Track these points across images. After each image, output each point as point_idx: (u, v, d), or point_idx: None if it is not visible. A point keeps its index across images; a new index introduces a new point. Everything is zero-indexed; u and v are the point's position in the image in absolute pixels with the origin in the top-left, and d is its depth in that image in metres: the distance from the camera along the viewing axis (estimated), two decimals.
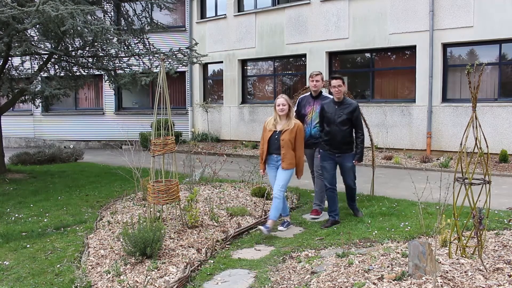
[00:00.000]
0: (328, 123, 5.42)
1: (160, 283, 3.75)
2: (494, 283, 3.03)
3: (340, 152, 5.41)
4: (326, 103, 5.55)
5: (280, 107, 5.15)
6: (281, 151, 5.11)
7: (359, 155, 5.44)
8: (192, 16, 15.99)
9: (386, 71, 12.50)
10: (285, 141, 5.09)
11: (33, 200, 7.24)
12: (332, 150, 5.43)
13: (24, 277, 4.10)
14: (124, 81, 8.90)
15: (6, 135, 15.17)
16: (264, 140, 5.27)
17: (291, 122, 5.17)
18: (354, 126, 5.43)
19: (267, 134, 5.24)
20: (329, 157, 5.46)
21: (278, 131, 5.18)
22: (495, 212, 5.53)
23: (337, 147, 5.40)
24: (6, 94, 9.35)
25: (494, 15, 10.23)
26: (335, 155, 5.44)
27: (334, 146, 5.40)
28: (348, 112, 5.35)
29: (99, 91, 17.17)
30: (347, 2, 12.43)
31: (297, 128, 5.16)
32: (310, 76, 5.87)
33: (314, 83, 5.80)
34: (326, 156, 5.50)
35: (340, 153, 5.41)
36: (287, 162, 5.13)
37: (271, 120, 5.29)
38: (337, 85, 5.33)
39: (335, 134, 5.36)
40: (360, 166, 10.57)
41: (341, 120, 5.34)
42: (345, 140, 5.40)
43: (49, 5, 6.68)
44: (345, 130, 5.36)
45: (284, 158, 5.12)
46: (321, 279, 3.49)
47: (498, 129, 10.25)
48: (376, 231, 4.99)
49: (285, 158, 5.12)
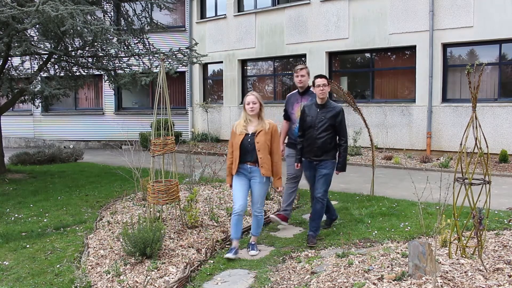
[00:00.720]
0: (308, 128, 4.87)
1: (160, 283, 3.75)
2: (494, 283, 3.03)
3: (320, 160, 4.85)
4: (307, 105, 5.02)
5: (250, 105, 4.43)
6: (258, 155, 4.40)
7: (342, 164, 4.90)
8: (192, 16, 15.99)
9: (386, 71, 12.50)
10: (261, 143, 4.40)
11: (33, 200, 7.24)
12: (311, 158, 4.89)
13: (24, 277, 4.10)
14: (124, 81, 8.90)
15: (6, 135, 15.17)
16: (235, 146, 4.46)
17: (264, 122, 4.48)
18: (337, 132, 4.86)
19: (237, 139, 4.45)
20: (310, 165, 4.96)
21: (250, 133, 4.45)
22: (495, 212, 5.52)
23: (316, 155, 4.84)
24: (6, 94, 9.35)
25: (494, 15, 10.23)
26: (314, 163, 4.90)
27: (314, 153, 4.85)
28: (331, 117, 4.78)
29: (99, 91, 17.17)
30: (347, 2, 12.43)
31: (273, 129, 4.49)
32: (295, 71, 5.42)
33: (299, 79, 5.35)
34: (306, 165, 5.01)
35: (319, 161, 4.86)
36: (266, 167, 4.42)
37: (240, 123, 4.54)
38: (322, 84, 4.77)
39: (315, 140, 4.81)
40: (360, 166, 10.67)
41: (323, 125, 4.78)
42: (326, 148, 4.81)
43: (49, 5, 6.68)
44: (327, 136, 4.79)
45: (263, 163, 4.40)
46: (321, 279, 3.49)
47: (498, 129, 10.25)
48: (376, 231, 4.99)
49: (264, 164, 4.41)
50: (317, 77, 4.86)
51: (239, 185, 4.50)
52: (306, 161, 4.99)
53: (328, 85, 4.84)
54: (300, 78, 5.36)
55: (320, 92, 4.79)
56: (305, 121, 4.91)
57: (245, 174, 4.50)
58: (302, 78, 5.36)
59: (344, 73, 13.42)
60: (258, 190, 4.50)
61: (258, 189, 4.50)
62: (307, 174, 5.08)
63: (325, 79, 4.84)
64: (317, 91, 4.83)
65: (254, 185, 4.52)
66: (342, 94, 6.78)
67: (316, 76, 4.90)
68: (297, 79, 5.38)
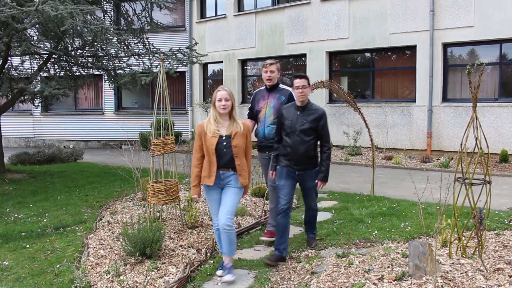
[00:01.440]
0: (288, 133, 4.34)
1: (160, 283, 3.74)
2: (494, 283, 3.02)
3: (302, 169, 4.36)
4: (286, 107, 4.48)
5: (222, 102, 3.80)
6: (236, 161, 3.83)
7: (324, 173, 4.42)
8: (192, 16, 15.99)
9: (386, 71, 12.50)
10: (238, 148, 3.83)
11: (33, 200, 7.23)
12: (292, 166, 4.36)
13: (24, 277, 4.09)
14: (124, 81, 8.90)
15: (6, 135, 15.16)
16: (209, 149, 3.81)
17: (237, 123, 3.90)
18: (320, 137, 4.38)
19: (211, 142, 3.81)
20: (288, 175, 4.39)
21: (225, 135, 3.83)
22: (495, 212, 5.52)
23: (298, 162, 4.33)
24: (5, 94, 9.34)
25: (495, 15, 10.23)
26: (296, 172, 4.37)
27: (296, 161, 4.33)
28: (313, 120, 4.30)
29: (98, 91, 17.17)
30: (347, 2, 12.42)
31: (248, 131, 3.97)
32: (264, 66, 4.88)
33: (268, 75, 4.81)
34: (284, 173, 4.41)
35: (302, 169, 4.36)
36: (244, 176, 3.90)
37: (209, 122, 3.88)
38: (301, 86, 4.27)
39: (297, 146, 4.29)
40: (361, 166, 10.66)
41: (304, 129, 4.28)
42: (309, 154, 4.34)
43: (49, 4, 6.68)
44: (309, 141, 4.30)
45: (241, 170, 3.88)
46: (321, 280, 3.48)
47: (499, 129, 10.24)
48: (376, 231, 4.98)
49: (242, 171, 3.88)
50: (296, 77, 4.33)
51: (215, 198, 3.93)
52: (285, 170, 4.40)
53: (308, 87, 4.34)
54: (269, 74, 4.84)
55: (300, 94, 4.30)
56: (283, 125, 4.38)
57: (218, 183, 3.89)
58: (271, 74, 4.84)
59: (344, 73, 13.41)
60: (232, 198, 3.86)
61: (233, 197, 3.86)
62: (282, 183, 4.41)
63: (305, 79, 4.32)
64: (296, 93, 4.34)
65: (227, 192, 3.87)
66: (342, 94, 6.78)
67: (295, 76, 4.37)
68: (266, 74, 4.86)
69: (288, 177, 4.41)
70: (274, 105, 4.76)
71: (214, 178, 3.83)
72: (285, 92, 4.79)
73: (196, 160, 3.90)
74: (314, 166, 4.41)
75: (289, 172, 4.40)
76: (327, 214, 5.91)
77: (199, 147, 3.89)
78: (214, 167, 3.82)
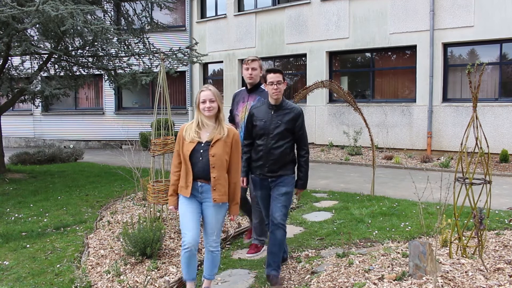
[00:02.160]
0: (260, 135, 3.82)
1: (160, 283, 3.75)
2: (494, 283, 3.02)
3: (276, 176, 3.82)
4: (256, 106, 3.99)
5: (206, 104, 3.27)
6: (211, 173, 3.27)
7: (303, 181, 3.90)
8: (192, 15, 15.99)
9: (387, 70, 12.50)
10: (217, 157, 3.26)
11: (33, 200, 7.24)
12: (265, 174, 3.83)
13: (24, 277, 4.09)
14: (124, 81, 8.90)
15: (6, 134, 15.17)
16: (184, 156, 3.32)
17: (222, 128, 3.34)
18: (297, 140, 3.86)
19: (187, 148, 3.30)
20: (262, 184, 3.90)
21: (204, 142, 3.30)
22: (495, 212, 5.52)
23: (272, 169, 3.79)
24: (6, 94, 9.35)
25: (495, 15, 10.23)
26: (268, 179, 3.84)
27: (269, 167, 3.80)
28: (289, 120, 3.78)
29: (99, 90, 17.17)
30: (348, 2, 12.42)
31: (234, 139, 3.36)
32: (245, 63, 4.39)
33: (250, 72, 4.34)
34: (258, 183, 3.93)
35: (275, 177, 3.82)
36: (220, 191, 3.30)
37: (190, 126, 3.38)
38: (276, 81, 3.73)
39: (271, 150, 3.78)
40: (361, 166, 10.67)
41: (279, 132, 3.76)
42: (284, 160, 3.80)
43: (49, 5, 6.68)
44: (285, 145, 3.78)
45: (216, 184, 3.28)
46: (321, 279, 3.48)
47: (499, 129, 10.24)
48: (376, 231, 4.98)
49: (218, 185, 3.28)
50: (270, 72, 3.80)
51: (189, 211, 3.33)
52: (257, 179, 3.92)
53: (284, 82, 3.80)
54: (250, 72, 4.35)
55: (274, 91, 3.76)
56: (255, 127, 3.87)
57: (195, 195, 3.35)
58: (253, 72, 4.35)
59: (345, 73, 13.42)
60: (213, 217, 3.35)
61: (213, 215, 3.35)
62: (258, 195, 3.98)
63: (280, 74, 3.79)
64: (269, 89, 3.80)
65: (207, 210, 3.36)
66: (342, 94, 6.78)
67: (268, 70, 3.83)
68: (247, 72, 4.36)
69: (263, 187, 3.90)
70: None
71: (190, 189, 3.31)
72: (266, 94, 4.18)
73: (174, 166, 3.42)
74: (290, 172, 3.87)
75: (263, 181, 3.88)
76: (327, 214, 5.91)
77: (177, 152, 3.40)
78: (190, 177, 3.30)
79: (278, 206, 3.77)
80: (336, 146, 12.57)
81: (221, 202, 3.32)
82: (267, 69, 3.85)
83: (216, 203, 3.30)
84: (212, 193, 3.29)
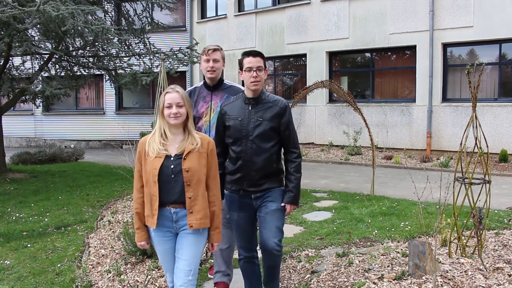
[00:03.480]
0: (236, 139, 2.96)
1: (161, 282, 3.76)
2: (494, 282, 3.04)
3: (261, 190, 2.99)
4: (229, 103, 3.08)
5: (173, 109, 2.61)
6: (186, 193, 2.59)
7: (294, 192, 2.99)
8: (193, 16, 16.01)
9: (386, 71, 12.51)
10: (192, 172, 2.60)
11: (34, 199, 7.25)
12: (246, 189, 2.98)
13: (25, 276, 4.11)
14: (125, 81, 8.92)
15: (7, 134, 15.18)
16: (149, 177, 2.62)
17: (193, 137, 2.67)
18: (284, 141, 3.01)
19: (152, 165, 2.61)
20: (242, 202, 3.02)
21: (173, 155, 2.63)
22: (495, 211, 5.53)
23: (255, 182, 2.97)
24: (6, 94, 9.38)
25: (494, 15, 10.24)
26: (251, 196, 3.00)
27: (251, 180, 2.96)
28: (272, 117, 2.94)
29: (99, 90, 17.18)
30: (347, 2, 12.43)
31: (209, 148, 2.70)
32: (204, 53, 3.47)
33: (211, 65, 3.42)
34: (236, 202, 3.04)
35: (260, 191, 2.99)
36: (198, 214, 2.61)
37: (153, 139, 2.69)
38: (256, 67, 2.90)
39: (252, 158, 2.94)
40: (360, 166, 10.70)
41: (260, 132, 2.93)
42: (270, 168, 2.99)
43: (50, 5, 6.70)
44: (270, 149, 2.95)
45: (193, 206, 2.60)
46: (321, 279, 3.50)
47: (498, 128, 10.26)
48: (376, 231, 5.00)
49: (195, 207, 2.60)
50: (248, 55, 2.95)
51: (165, 249, 2.68)
52: (235, 196, 3.03)
53: (265, 70, 2.97)
54: (212, 65, 3.43)
55: (254, 80, 2.90)
56: (228, 128, 3.00)
57: (168, 226, 2.64)
58: (215, 65, 3.44)
59: (344, 73, 13.43)
60: (191, 249, 2.64)
61: (190, 247, 2.64)
62: (235, 218, 3.07)
63: (260, 58, 2.93)
64: (246, 78, 2.93)
65: (182, 241, 2.64)
66: (342, 94, 6.79)
67: (245, 54, 2.97)
68: (207, 64, 3.44)
69: (243, 207, 3.02)
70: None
71: (157, 218, 2.59)
72: (235, 91, 3.47)
73: (137, 191, 2.70)
74: (278, 184, 3.05)
75: (242, 199, 3.01)
76: (327, 214, 5.93)
77: (139, 173, 2.70)
78: (156, 203, 2.58)
79: (271, 228, 2.92)
80: (336, 146, 12.58)
81: (201, 228, 2.62)
82: (243, 52, 3.00)
83: (193, 229, 2.59)
84: (188, 217, 2.59)
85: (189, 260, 2.62)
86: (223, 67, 3.54)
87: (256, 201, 3.01)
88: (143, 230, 2.70)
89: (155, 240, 2.69)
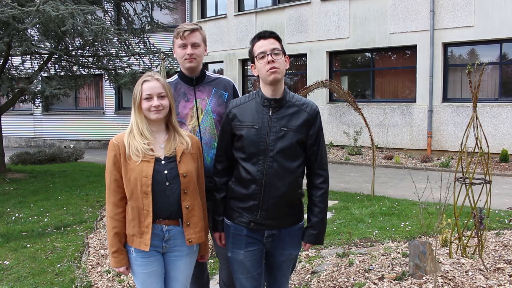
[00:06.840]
0: (252, 154, 2.20)
1: None
2: (494, 283, 3.03)
3: (279, 225, 2.28)
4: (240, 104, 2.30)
5: (154, 102, 2.17)
6: (183, 203, 2.18)
7: (319, 230, 2.38)
8: (193, 15, 16.00)
9: (387, 70, 12.50)
10: (190, 177, 2.20)
11: (33, 199, 7.24)
12: (260, 222, 2.24)
13: (24, 276, 4.09)
14: (124, 81, 8.92)
15: (6, 134, 15.18)
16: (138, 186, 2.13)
17: (181, 135, 2.26)
18: (309, 159, 2.31)
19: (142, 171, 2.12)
20: (250, 238, 2.28)
21: (164, 157, 2.19)
22: (495, 212, 5.52)
23: (274, 215, 2.25)
24: (6, 94, 9.37)
25: (495, 15, 10.23)
26: (265, 232, 2.27)
27: (268, 211, 2.23)
28: (300, 126, 2.22)
29: (99, 90, 17.18)
30: (348, 2, 12.42)
31: (199, 149, 2.33)
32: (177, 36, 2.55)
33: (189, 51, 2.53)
34: (242, 237, 2.29)
35: (278, 226, 2.28)
36: (197, 227, 2.23)
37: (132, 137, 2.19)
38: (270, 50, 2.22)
39: (272, 180, 2.20)
40: (361, 166, 10.68)
41: (285, 147, 2.20)
42: (294, 196, 2.34)
43: (50, 5, 6.69)
44: (295, 170, 2.26)
45: (191, 217, 2.21)
46: (322, 279, 3.49)
47: (499, 128, 10.25)
48: (376, 231, 4.99)
49: (192, 218, 2.22)
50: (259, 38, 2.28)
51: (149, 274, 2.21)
52: (244, 230, 2.27)
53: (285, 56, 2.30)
54: (190, 51, 2.54)
55: (271, 69, 2.17)
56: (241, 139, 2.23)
57: (156, 246, 2.20)
58: (195, 51, 2.57)
59: (345, 72, 13.42)
60: (185, 270, 2.30)
61: (185, 268, 2.30)
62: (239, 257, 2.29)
63: (274, 39, 2.30)
64: (261, 68, 2.20)
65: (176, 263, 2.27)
66: (342, 94, 6.78)
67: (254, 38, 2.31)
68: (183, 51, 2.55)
69: (251, 244, 2.28)
70: (214, 108, 2.60)
71: (150, 237, 2.14)
72: (224, 84, 2.70)
73: (114, 207, 2.17)
74: (297, 219, 2.38)
75: (252, 233, 2.27)
76: (327, 214, 5.91)
77: (116, 183, 2.17)
78: (150, 218, 2.13)
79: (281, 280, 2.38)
80: (336, 146, 12.58)
81: (198, 243, 2.28)
82: (255, 36, 2.32)
83: (191, 245, 2.23)
84: (185, 231, 2.19)
85: (184, 281, 2.31)
86: (205, 53, 2.67)
87: (268, 239, 2.28)
88: (122, 253, 2.19)
89: (137, 261, 2.19)
